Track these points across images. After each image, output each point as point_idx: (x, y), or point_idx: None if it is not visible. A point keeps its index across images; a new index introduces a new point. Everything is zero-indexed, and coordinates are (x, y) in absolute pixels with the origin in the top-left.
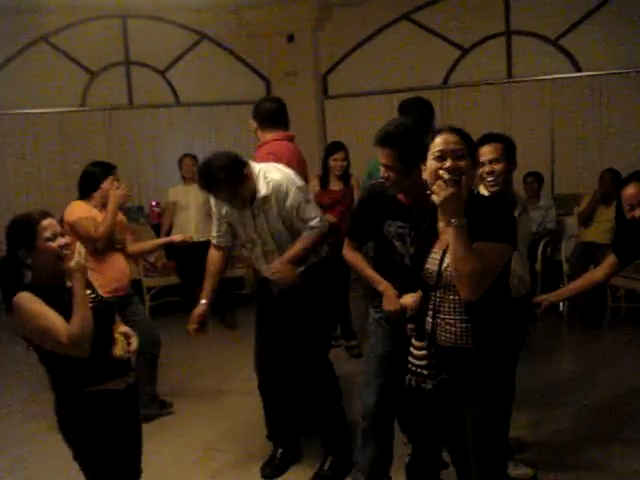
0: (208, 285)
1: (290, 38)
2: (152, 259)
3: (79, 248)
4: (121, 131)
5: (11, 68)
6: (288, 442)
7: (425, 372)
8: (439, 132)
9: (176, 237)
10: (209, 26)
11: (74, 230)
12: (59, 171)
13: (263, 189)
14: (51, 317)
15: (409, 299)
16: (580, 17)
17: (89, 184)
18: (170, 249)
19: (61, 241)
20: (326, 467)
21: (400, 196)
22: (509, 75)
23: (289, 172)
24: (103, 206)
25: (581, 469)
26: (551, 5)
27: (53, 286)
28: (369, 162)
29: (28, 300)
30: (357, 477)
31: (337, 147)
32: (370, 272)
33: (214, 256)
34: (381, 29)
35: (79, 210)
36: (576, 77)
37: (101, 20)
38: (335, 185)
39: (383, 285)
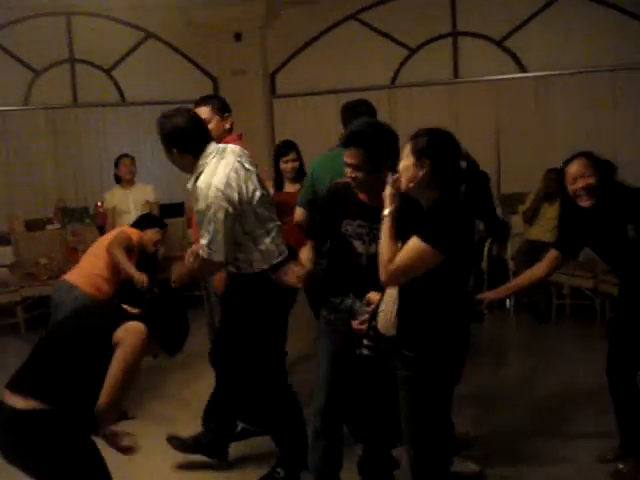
0: None
1: (238, 36)
2: None
3: None
4: (65, 130)
5: None
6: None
7: (365, 342)
8: None
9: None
10: (155, 24)
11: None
12: (1, 172)
13: (191, 180)
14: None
15: (375, 296)
16: (525, 18)
17: None
18: None
19: None
20: (278, 469)
21: (361, 195)
22: (455, 75)
23: (233, 177)
24: None
25: (526, 463)
26: (497, 7)
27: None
28: (312, 163)
29: (144, 344)
30: (307, 478)
31: (287, 148)
32: (302, 254)
33: None
34: (329, 28)
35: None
36: (521, 77)
37: (45, 17)
38: (290, 187)
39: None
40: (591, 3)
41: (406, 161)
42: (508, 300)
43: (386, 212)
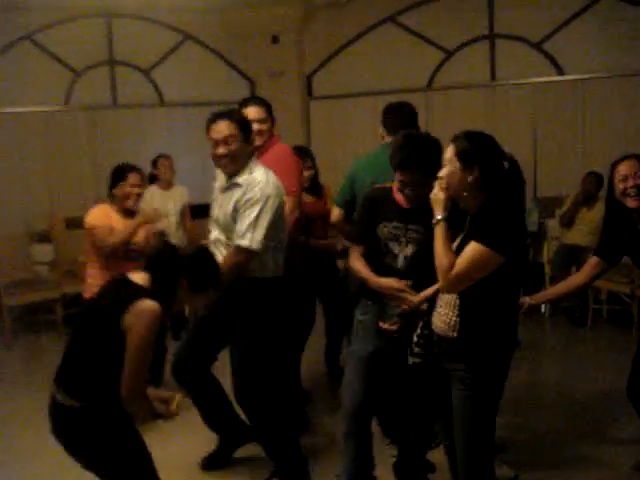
0: None
1: (275, 39)
2: None
3: None
4: (104, 131)
5: None
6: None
7: (415, 349)
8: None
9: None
10: (194, 26)
11: (90, 235)
12: (42, 171)
13: (242, 177)
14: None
15: (429, 290)
16: (564, 21)
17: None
18: None
19: None
20: None
21: (397, 197)
22: (493, 78)
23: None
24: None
25: (562, 468)
26: (534, 8)
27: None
28: (352, 164)
29: (159, 321)
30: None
31: (302, 154)
32: (365, 271)
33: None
34: (366, 31)
35: (96, 216)
36: (559, 81)
37: (85, 19)
38: (304, 198)
39: (372, 278)
40: (629, 6)
41: (451, 167)
42: (544, 304)
43: (439, 217)
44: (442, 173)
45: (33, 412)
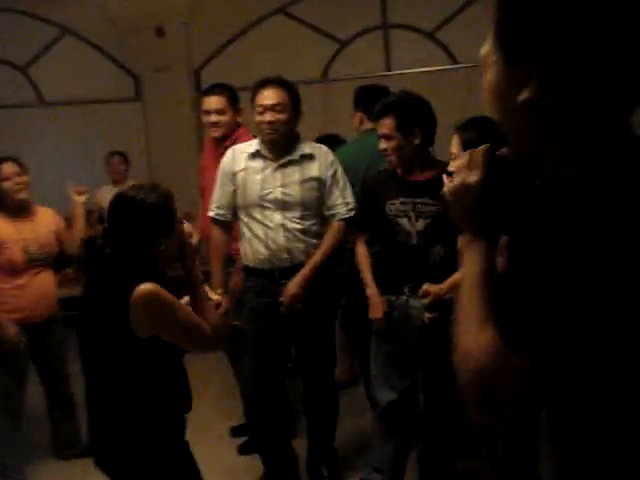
0: (219, 272)
1: (160, 31)
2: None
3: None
4: None
5: None
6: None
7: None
8: None
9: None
10: (72, 19)
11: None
12: None
13: (307, 148)
14: (189, 310)
15: (432, 287)
16: (455, 10)
17: None
18: None
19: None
20: None
21: (398, 171)
22: (387, 68)
23: None
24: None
25: None
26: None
27: (160, 276)
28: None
29: (164, 292)
30: (373, 477)
31: None
32: (366, 274)
33: (219, 235)
34: (256, 22)
35: None
36: (453, 69)
37: None
38: None
39: (371, 290)
40: None
41: (459, 161)
42: None
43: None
44: (452, 167)
45: None
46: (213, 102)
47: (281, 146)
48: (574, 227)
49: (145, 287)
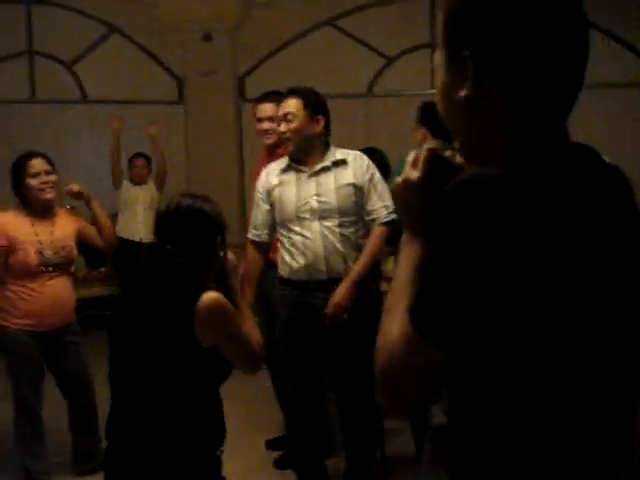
0: (249, 295)
1: (207, 36)
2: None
3: None
4: (22, 127)
5: None
6: None
7: None
8: None
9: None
10: (120, 17)
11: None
12: None
13: (338, 154)
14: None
15: None
16: None
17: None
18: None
19: None
20: None
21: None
22: (432, 86)
23: None
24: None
25: None
26: None
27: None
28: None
29: (229, 302)
30: None
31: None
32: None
33: (252, 255)
34: (304, 33)
35: None
36: None
37: (3, 5)
38: None
39: None
40: None
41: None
42: None
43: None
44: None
45: None
46: (267, 110)
47: (309, 154)
48: (489, 219)
49: (213, 295)
